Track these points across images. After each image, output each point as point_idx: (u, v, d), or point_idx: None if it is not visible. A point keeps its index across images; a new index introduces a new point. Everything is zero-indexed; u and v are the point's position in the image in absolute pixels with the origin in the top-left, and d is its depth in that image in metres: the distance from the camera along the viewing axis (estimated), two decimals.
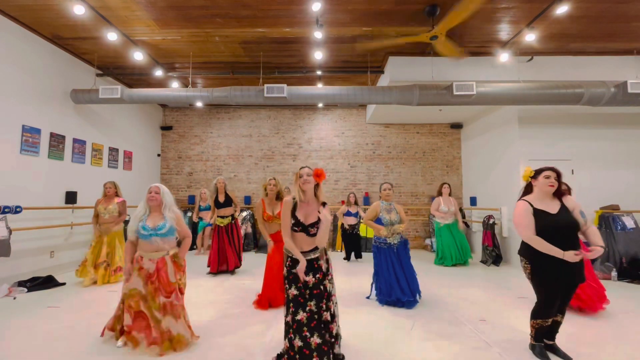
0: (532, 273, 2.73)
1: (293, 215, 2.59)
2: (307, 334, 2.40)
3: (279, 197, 4.26)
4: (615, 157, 6.68)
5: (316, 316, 2.46)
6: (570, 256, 2.52)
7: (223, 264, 5.76)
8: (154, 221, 2.96)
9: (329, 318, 2.54)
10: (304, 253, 2.58)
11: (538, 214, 2.69)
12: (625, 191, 6.52)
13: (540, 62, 6.14)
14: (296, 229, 2.59)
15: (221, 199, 5.81)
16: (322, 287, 2.56)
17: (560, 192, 2.76)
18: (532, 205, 2.73)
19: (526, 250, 2.78)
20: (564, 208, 2.71)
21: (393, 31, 5.48)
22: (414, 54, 6.09)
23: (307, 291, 2.53)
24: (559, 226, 2.63)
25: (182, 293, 2.99)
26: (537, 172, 2.82)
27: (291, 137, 9.35)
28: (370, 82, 7.35)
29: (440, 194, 6.81)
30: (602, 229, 5.98)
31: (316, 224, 2.60)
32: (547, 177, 2.72)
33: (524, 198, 2.83)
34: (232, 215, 5.89)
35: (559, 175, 2.74)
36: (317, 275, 2.57)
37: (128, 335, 2.86)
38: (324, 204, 2.67)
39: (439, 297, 4.51)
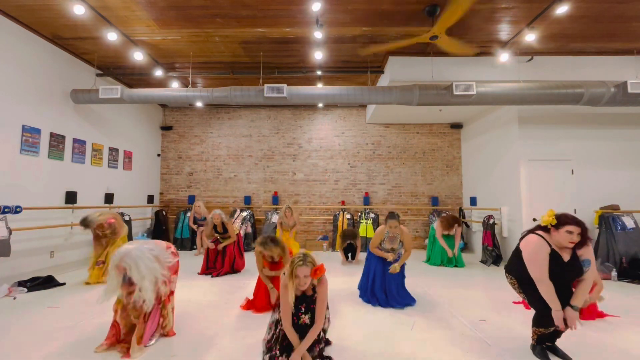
0: (523, 289, 2.71)
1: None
2: None
3: (274, 261, 4.06)
4: (615, 157, 6.68)
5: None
6: (570, 317, 2.47)
7: (212, 268, 5.83)
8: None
9: None
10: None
11: (555, 259, 2.53)
12: (625, 191, 6.52)
13: (540, 62, 6.15)
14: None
15: (219, 229, 5.90)
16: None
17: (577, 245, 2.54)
18: (550, 245, 2.55)
19: (513, 268, 2.75)
20: (574, 255, 2.57)
21: (393, 31, 5.49)
22: (414, 54, 6.10)
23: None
24: (567, 274, 2.54)
25: (159, 303, 2.94)
26: (560, 222, 2.53)
27: (291, 137, 9.35)
28: (370, 82, 7.35)
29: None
30: (602, 228, 5.98)
31: (313, 302, 2.59)
32: (570, 233, 2.47)
33: (538, 232, 2.63)
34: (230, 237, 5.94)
35: (583, 231, 2.48)
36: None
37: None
38: (314, 288, 2.62)
39: (439, 297, 4.51)
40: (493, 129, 7.63)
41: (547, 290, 2.51)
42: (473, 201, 8.35)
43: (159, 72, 6.82)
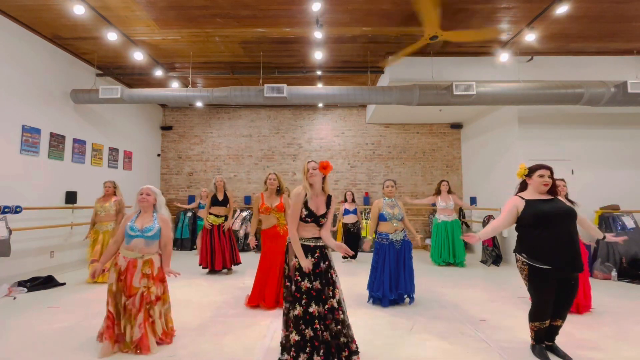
0: (529, 274, 2.72)
1: (306, 207, 2.66)
2: (318, 326, 2.49)
3: (279, 191, 4.31)
4: (615, 157, 6.68)
5: (326, 305, 2.55)
6: (473, 239, 2.80)
7: (220, 261, 5.70)
8: (142, 222, 2.97)
9: (335, 305, 2.59)
10: (311, 240, 2.68)
11: (532, 203, 2.74)
12: (625, 191, 6.52)
13: (540, 62, 6.14)
14: (308, 220, 2.67)
15: (220, 197, 5.82)
16: (329, 274, 2.65)
17: (554, 191, 2.82)
18: (523, 198, 2.80)
19: (520, 246, 2.80)
20: (556, 199, 2.80)
21: (393, 31, 5.49)
22: (414, 54, 6.07)
23: (319, 280, 2.59)
24: (555, 210, 2.67)
25: (147, 302, 2.85)
26: (531, 171, 2.86)
27: (291, 137, 9.35)
28: (370, 82, 7.35)
29: (439, 192, 6.79)
30: (602, 229, 5.98)
31: (326, 214, 2.71)
32: (541, 176, 2.77)
33: (519, 194, 2.90)
34: (226, 217, 5.86)
35: (552, 173, 2.79)
36: (326, 263, 2.67)
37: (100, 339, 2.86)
38: (329, 197, 2.76)
39: (439, 297, 4.51)
40: (493, 129, 7.63)
41: (492, 225, 2.89)
42: (473, 201, 8.34)
43: (159, 72, 6.82)
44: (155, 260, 2.98)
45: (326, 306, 2.55)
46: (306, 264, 2.56)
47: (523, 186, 2.94)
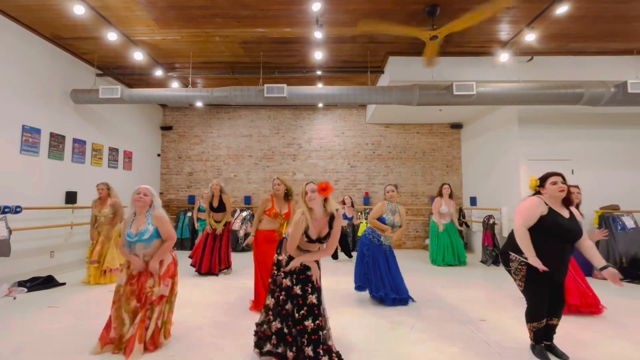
0: (527, 275, 2.70)
1: (306, 235, 2.56)
2: (291, 323, 2.52)
3: (287, 195, 4.12)
4: (615, 157, 6.68)
5: (301, 310, 2.52)
6: (536, 262, 2.57)
7: (207, 264, 5.65)
8: (137, 226, 2.88)
9: (314, 301, 2.56)
10: (302, 251, 2.67)
11: (553, 214, 2.65)
12: (625, 191, 6.52)
13: (540, 62, 6.14)
14: (309, 242, 2.63)
15: (215, 203, 5.70)
16: (311, 283, 2.62)
17: (569, 200, 2.72)
18: (547, 204, 2.67)
19: (516, 246, 2.72)
20: (572, 216, 2.71)
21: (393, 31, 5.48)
22: (414, 54, 6.08)
23: (300, 286, 2.59)
24: (571, 230, 2.63)
25: (149, 302, 2.78)
26: (543, 180, 2.76)
27: (291, 137, 9.35)
28: (370, 82, 7.35)
29: (440, 194, 6.79)
30: (602, 229, 5.97)
31: (328, 235, 2.61)
32: (555, 183, 2.67)
33: (539, 196, 2.75)
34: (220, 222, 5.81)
35: (564, 179, 2.69)
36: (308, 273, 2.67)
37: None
38: (332, 216, 2.59)
39: (439, 297, 4.51)
40: (493, 129, 7.63)
41: (524, 240, 2.63)
42: (473, 201, 8.35)
43: (159, 72, 6.82)
44: (165, 258, 2.95)
45: (302, 312, 2.52)
46: (316, 274, 2.59)
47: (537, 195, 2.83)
